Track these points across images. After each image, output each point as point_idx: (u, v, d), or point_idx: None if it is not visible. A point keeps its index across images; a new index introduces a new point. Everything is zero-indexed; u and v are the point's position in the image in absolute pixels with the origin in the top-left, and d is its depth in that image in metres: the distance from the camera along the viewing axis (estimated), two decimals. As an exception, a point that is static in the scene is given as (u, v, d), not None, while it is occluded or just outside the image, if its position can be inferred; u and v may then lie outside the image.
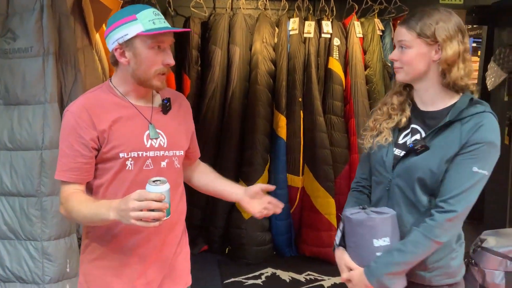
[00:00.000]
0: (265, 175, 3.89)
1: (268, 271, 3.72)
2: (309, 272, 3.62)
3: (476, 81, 6.07)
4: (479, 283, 2.38)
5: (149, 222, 1.36)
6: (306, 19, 3.96)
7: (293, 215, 3.97)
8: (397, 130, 1.63)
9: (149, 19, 1.48)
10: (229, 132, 3.92)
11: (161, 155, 1.59)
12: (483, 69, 4.71)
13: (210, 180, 1.90)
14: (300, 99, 3.90)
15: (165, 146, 1.60)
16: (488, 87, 4.49)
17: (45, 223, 2.37)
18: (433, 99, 1.58)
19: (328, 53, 3.95)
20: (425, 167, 1.50)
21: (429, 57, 1.53)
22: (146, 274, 1.62)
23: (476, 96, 1.58)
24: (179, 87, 4.01)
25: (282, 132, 3.90)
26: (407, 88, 1.65)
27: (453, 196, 1.45)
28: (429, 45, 1.52)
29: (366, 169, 1.72)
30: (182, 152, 1.67)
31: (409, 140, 1.59)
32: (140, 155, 1.55)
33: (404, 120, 1.61)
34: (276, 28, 3.97)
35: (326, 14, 4.03)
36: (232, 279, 3.57)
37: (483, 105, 1.53)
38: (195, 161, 1.88)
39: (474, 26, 5.28)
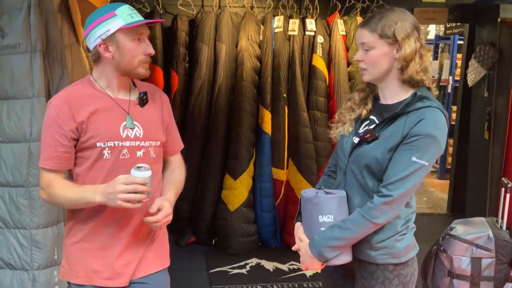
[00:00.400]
0: (250, 168, 4.00)
1: (253, 261, 3.84)
2: (292, 262, 3.73)
3: (432, 77, 6.21)
4: (447, 268, 2.51)
5: (134, 203, 1.54)
6: (290, 17, 4.07)
7: (278, 207, 4.08)
8: (359, 121, 1.75)
9: (127, 14, 1.61)
10: (215, 127, 4.03)
11: (136, 145, 1.69)
12: (465, 66, 4.84)
13: (166, 180, 1.87)
14: (284, 95, 4.02)
15: (141, 136, 1.70)
16: (469, 83, 4.61)
17: (34, 212, 2.47)
18: (392, 94, 1.70)
19: (312, 50, 4.06)
20: (371, 155, 1.63)
21: (391, 56, 1.64)
22: (125, 255, 1.73)
23: (434, 91, 1.71)
24: (167, 84, 4.11)
25: (267, 127, 4.01)
26: (371, 85, 1.77)
27: (392, 183, 1.58)
28: (390, 44, 1.63)
29: (335, 155, 1.86)
30: (158, 143, 1.77)
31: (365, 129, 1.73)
32: (116, 144, 1.66)
33: (365, 112, 1.75)
34: (261, 26, 4.08)
35: (310, 12, 4.15)
36: (218, 269, 3.69)
37: (429, 100, 1.64)
38: (173, 155, 1.92)
39: (458, 24, 5.41)
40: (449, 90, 6.45)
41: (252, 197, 4.02)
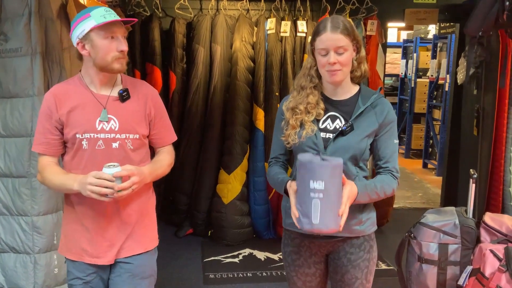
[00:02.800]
0: (244, 163, 4.20)
1: (246, 251, 4.04)
2: (283, 252, 3.92)
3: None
4: (417, 254, 2.67)
5: (101, 196, 1.72)
6: (283, 19, 4.26)
7: (271, 201, 4.27)
8: (316, 119, 1.89)
9: (100, 15, 1.77)
10: (211, 124, 4.24)
11: (112, 137, 1.85)
12: (456, 64, 4.97)
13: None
14: (277, 94, 4.21)
15: (116, 129, 1.86)
16: (458, 81, 4.73)
17: (35, 200, 2.70)
18: (344, 90, 1.90)
19: (303, 50, 4.25)
20: (355, 144, 1.83)
21: (353, 55, 1.85)
22: (108, 237, 1.92)
23: (379, 88, 2.02)
24: (166, 83, 4.34)
25: (260, 124, 4.20)
26: (316, 86, 1.89)
27: (393, 163, 1.91)
28: (354, 45, 1.83)
29: (282, 148, 1.98)
30: (137, 136, 1.90)
31: (331, 125, 1.88)
32: (92, 136, 1.84)
33: (321, 112, 1.88)
34: (255, 27, 4.28)
35: (302, 14, 4.33)
36: (212, 258, 3.90)
37: (375, 92, 1.91)
38: (162, 147, 2.05)
39: (451, 24, 5.53)
40: (447, 88, 6.56)
41: (246, 190, 4.21)
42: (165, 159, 2.02)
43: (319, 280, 2.04)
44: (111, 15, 1.79)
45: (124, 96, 1.90)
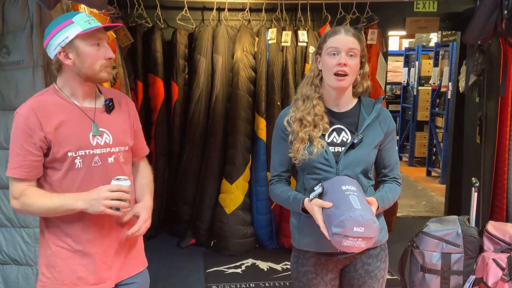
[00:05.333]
0: (246, 173, 4.20)
1: (249, 261, 4.03)
2: (286, 262, 3.89)
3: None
4: (420, 263, 2.65)
5: (115, 210, 1.63)
6: (283, 29, 4.28)
7: (274, 210, 4.26)
8: (322, 134, 1.85)
9: (84, 21, 1.64)
10: (213, 134, 4.25)
11: (107, 151, 1.73)
12: (458, 72, 4.97)
13: (137, 184, 1.95)
14: (278, 103, 4.22)
15: (110, 143, 1.74)
16: (460, 89, 4.74)
17: (37, 212, 2.71)
18: (346, 102, 1.89)
19: (305, 60, 4.26)
20: (365, 157, 1.83)
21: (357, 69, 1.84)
22: (106, 260, 1.78)
23: (381, 97, 1.99)
24: (168, 94, 4.36)
25: (262, 134, 4.21)
26: (321, 97, 1.86)
27: (396, 171, 1.94)
28: (362, 59, 1.83)
29: (284, 165, 1.93)
30: (127, 148, 1.81)
31: (337, 138, 1.85)
32: (87, 153, 1.69)
33: (326, 126, 1.84)
34: (256, 37, 4.30)
35: (302, 24, 4.35)
36: (215, 268, 3.89)
37: (377, 100, 1.91)
38: (141, 159, 1.99)
39: (453, 32, 5.54)
40: (449, 96, 6.55)
41: (248, 200, 4.21)
42: (150, 179, 1.98)
43: None
44: (95, 22, 1.67)
45: (110, 106, 1.78)
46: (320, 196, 1.73)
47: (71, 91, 1.73)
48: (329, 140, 1.84)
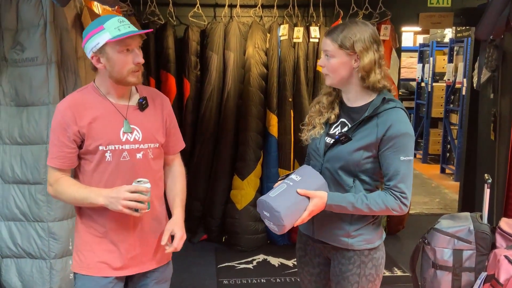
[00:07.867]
0: (258, 169, 4.21)
1: (260, 257, 4.05)
2: (297, 258, 3.92)
3: (392, 81, 6.23)
4: (431, 260, 2.64)
5: (132, 211, 1.71)
6: (295, 25, 4.27)
7: (285, 206, 4.26)
8: (328, 123, 1.90)
9: (114, 27, 1.70)
10: (224, 130, 4.26)
11: (136, 148, 1.81)
12: (472, 69, 4.92)
13: (170, 192, 2.02)
14: (290, 100, 4.21)
15: (140, 140, 1.82)
16: (474, 85, 4.69)
17: (50, 207, 2.76)
18: (356, 97, 1.87)
19: (316, 56, 4.24)
20: (347, 155, 1.79)
21: (350, 65, 1.80)
22: (131, 250, 1.87)
23: (393, 94, 1.88)
24: (180, 90, 4.38)
25: (274, 130, 4.21)
26: (336, 89, 1.91)
27: (396, 182, 1.76)
28: (349, 55, 1.79)
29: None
30: (157, 145, 1.88)
31: (340, 131, 1.86)
32: (116, 148, 1.78)
33: (333, 117, 1.88)
34: (267, 34, 4.30)
35: (314, 20, 4.34)
36: (226, 264, 3.91)
37: (394, 101, 1.82)
38: (172, 155, 2.04)
39: (468, 27, 5.48)
40: (464, 92, 6.49)
41: (259, 196, 4.20)
42: (184, 183, 2.03)
43: (325, 283, 2.03)
44: (125, 27, 1.72)
45: (143, 104, 1.87)
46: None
47: (106, 89, 1.83)
48: (332, 132, 1.87)
